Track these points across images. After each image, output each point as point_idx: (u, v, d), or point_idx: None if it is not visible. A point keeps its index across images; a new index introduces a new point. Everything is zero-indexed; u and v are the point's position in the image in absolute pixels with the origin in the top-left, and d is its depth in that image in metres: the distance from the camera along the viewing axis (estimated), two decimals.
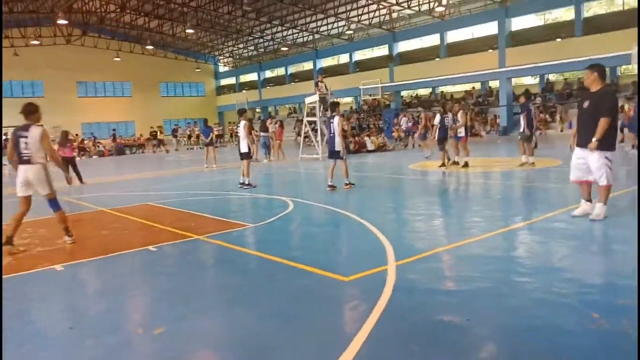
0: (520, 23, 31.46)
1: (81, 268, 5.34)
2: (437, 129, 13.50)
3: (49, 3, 33.79)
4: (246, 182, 11.05)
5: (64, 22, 32.25)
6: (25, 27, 38.04)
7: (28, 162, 6.05)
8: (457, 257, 5.00)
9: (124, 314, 4.05)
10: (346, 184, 10.08)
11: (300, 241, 6.33)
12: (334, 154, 10.10)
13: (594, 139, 5.67)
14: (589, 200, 6.11)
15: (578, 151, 6.04)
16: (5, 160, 27.04)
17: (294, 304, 3.90)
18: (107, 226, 7.57)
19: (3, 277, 5.03)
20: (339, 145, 9.88)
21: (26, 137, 6.07)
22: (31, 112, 6.30)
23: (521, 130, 12.31)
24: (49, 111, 40.43)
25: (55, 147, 22.28)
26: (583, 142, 5.91)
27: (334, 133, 9.95)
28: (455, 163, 13.20)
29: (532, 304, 3.65)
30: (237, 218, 7.51)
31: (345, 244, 6.07)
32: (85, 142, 32.86)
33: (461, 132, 13.01)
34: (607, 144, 5.73)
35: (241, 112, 11.70)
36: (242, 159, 11.34)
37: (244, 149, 11.25)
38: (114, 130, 36.16)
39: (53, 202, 6.35)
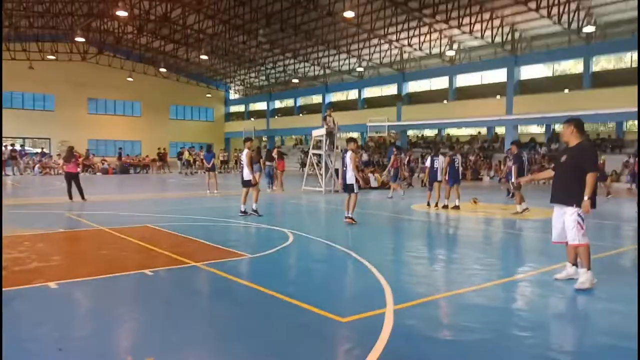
0: (529, 72, 31.96)
1: (76, 287, 5.27)
2: (428, 171, 13.87)
3: (69, 20, 34.57)
4: (250, 210, 11.09)
5: (82, 39, 32.93)
6: (43, 42, 38.81)
7: None
8: (457, 305, 4.92)
9: (115, 339, 3.97)
10: (347, 217, 10.13)
11: (297, 276, 6.26)
12: (347, 187, 10.32)
13: (585, 198, 5.23)
14: (575, 264, 5.60)
15: (555, 209, 5.71)
16: (9, 171, 27.18)
17: (288, 342, 3.82)
18: (106, 246, 7.51)
19: None
20: (350, 178, 10.13)
21: None
22: None
23: (512, 179, 12.41)
24: (57, 125, 41.07)
25: (60, 162, 22.45)
26: (559, 199, 5.55)
27: (347, 167, 10.24)
28: (445, 207, 13.19)
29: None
30: (235, 247, 7.45)
31: (343, 282, 5.99)
32: (91, 157, 32.98)
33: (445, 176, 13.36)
34: (579, 200, 5.28)
35: (246, 140, 11.85)
36: (243, 186, 11.40)
37: (246, 176, 11.32)
38: (120, 148, 36.37)
39: None
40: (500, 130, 34.39)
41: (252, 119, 52.23)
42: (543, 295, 5.30)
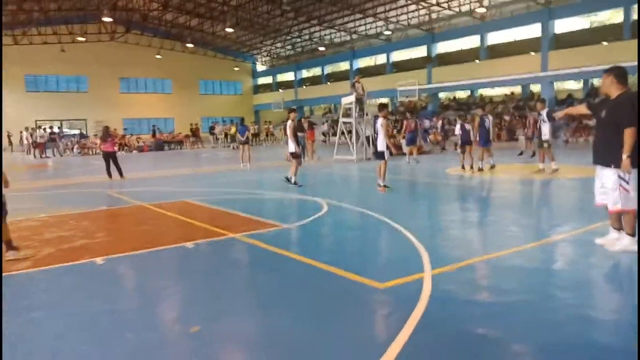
0: (564, 25, 30.51)
1: (121, 262, 5.48)
2: (459, 134, 13.83)
3: (95, 0, 34.87)
4: (292, 180, 11.22)
5: (109, 19, 33.23)
6: (72, 24, 39.41)
7: None
8: (495, 267, 4.90)
9: (162, 310, 4.14)
10: (380, 186, 10.07)
11: (334, 244, 6.33)
12: (378, 155, 10.31)
13: (623, 156, 4.77)
14: (619, 228, 5.15)
15: (597, 169, 5.28)
16: (49, 153, 28.07)
17: (329, 308, 3.90)
18: (147, 221, 7.76)
19: (46, 267, 5.24)
20: (382, 145, 10.02)
21: None
22: None
23: (546, 137, 12.17)
24: (92, 106, 41.95)
25: (98, 141, 23.05)
26: (598, 158, 5.17)
27: (377, 134, 10.18)
28: (480, 169, 13.17)
29: (572, 320, 3.54)
30: (271, 218, 7.57)
31: (379, 249, 6.03)
32: (127, 137, 33.73)
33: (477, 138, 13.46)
34: (619, 159, 4.81)
35: (290, 111, 11.87)
36: (292, 157, 11.58)
37: (290, 148, 11.43)
38: (153, 126, 37.04)
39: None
40: (535, 88, 33.24)
41: (280, 90, 52.10)
42: (584, 255, 5.21)
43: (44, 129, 29.83)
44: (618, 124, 4.86)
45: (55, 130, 32.95)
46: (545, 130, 12.21)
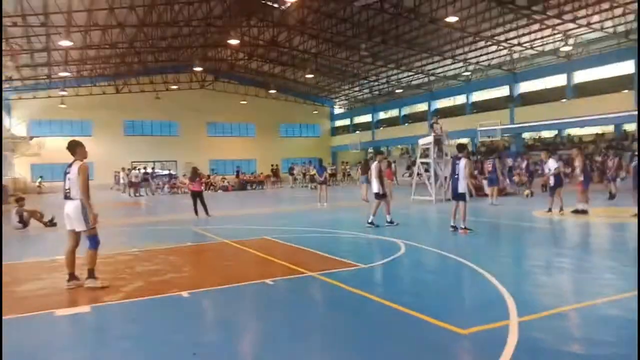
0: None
1: (205, 296, 5.71)
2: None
3: (188, 52, 37.75)
4: (387, 220, 11.32)
5: (199, 69, 35.71)
6: (166, 74, 42.86)
7: (68, 197, 6.09)
8: (588, 317, 4.55)
9: (243, 346, 4.24)
10: (462, 228, 9.80)
11: (413, 286, 6.19)
12: (457, 196, 10.02)
13: None
14: None
15: None
16: (142, 192, 30.10)
17: (408, 354, 3.80)
18: (229, 257, 8.05)
19: (136, 299, 5.55)
20: (463, 187, 9.83)
21: (68, 173, 6.14)
22: (73, 148, 6.26)
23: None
24: (181, 148, 44.76)
25: (186, 181, 24.42)
26: None
27: (458, 175, 9.92)
28: (576, 211, 12.42)
29: None
30: (349, 257, 7.56)
31: (460, 293, 5.81)
32: (212, 177, 35.49)
33: (580, 177, 12.69)
34: None
35: (377, 153, 12.32)
36: (375, 198, 11.61)
37: (375, 189, 11.48)
38: (237, 167, 38.71)
39: (91, 239, 6.10)
40: (629, 127, 31.14)
41: (357, 132, 52.75)
42: None
43: (139, 170, 32.11)
44: None
45: (149, 170, 35.38)
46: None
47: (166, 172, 38.58)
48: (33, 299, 5.65)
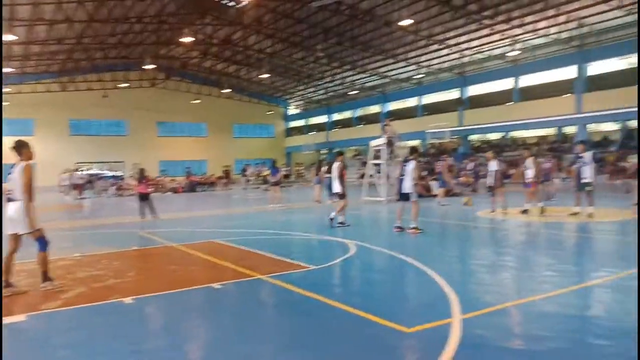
0: (599, 67, 30.21)
1: (150, 301, 5.52)
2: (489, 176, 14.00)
3: (139, 49, 36.70)
4: (338, 220, 11.33)
5: (151, 66, 34.80)
6: (116, 72, 41.49)
7: (10, 199, 5.85)
8: (528, 313, 4.70)
9: (188, 351, 4.10)
10: (412, 228, 9.93)
11: (361, 287, 6.23)
12: (403, 196, 10.20)
13: None
14: None
15: None
16: (86, 194, 29.02)
17: (354, 353, 3.81)
18: (176, 261, 7.84)
19: (77, 306, 5.30)
20: (409, 187, 10.01)
21: (11, 173, 5.91)
22: (19, 148, 5.99)
23: (587, 180, 11.82)
24: (130, 149, 43.50)
25: (134, 183, 23.73)
26: None
27: (404, 176, 10.11)
28: (525, 211, 12.93)
29: None
30: (299, 259, 7.53)
31: (407, 292, 5.89)
32: (159, 178, 34.65)
33: (529, 178, 13.10)
34: None
35: (338, 154, 12.22)
36: (338, 198, 11.67)
37: (335, 189, 11.59)
38: (188, 168, 37.99)
39: (40, 241, 5.88)
40: (570, 130, 32.69)
41: (312, 133, 52.89)
42: (622, 301, 4.95)
43: (82, 171, 30.93)
44: None
45: (94, 172, 34.15)
46: (587, 173, 11.91)
47: (112, 173, 37.39)
48: None
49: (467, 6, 25.64)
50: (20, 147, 5.98)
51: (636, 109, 25.91)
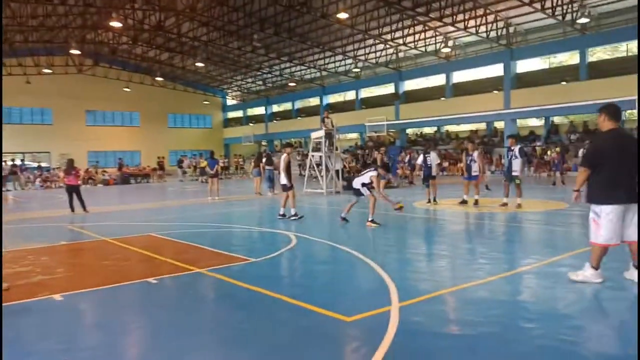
0: (525, 66, 31.94)
1: (81, 298, 5.27)
2: (422, 168, 14.35)
3: (63, 33, 34.64)
4: (291, 213, 11.10)
5: (77, 52, 32.99)
6: (38, 56, 38.92)
7: None
8: (462, 300, 4.91)
9: (122, 348, 3.97)
10: (368, 221, 9.96)
11: (301, 278, 6.26)
12: (355, 192, 10.28)
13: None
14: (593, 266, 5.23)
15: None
16: (10, 186, 27.20)
17: (294, 344, 3.82)
18: (109, 256, 7.52)
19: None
20: (356, 183, 10.19)
21: None
22: None
23: (516, 173, 12.24)
24: (56, 138, 41.22)
25: (61, 174, 22.48)
26: None
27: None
28: (464, 202, 13.29)
29: (539, 351, 3.57)
30: (238, 252, 7.45)
31: (347, 282, 5.97)
32: (90, 170, 33.08)
33: (476, 171, 13.17)
34: (590, 195, 5.15)
35: (286, 146, 12.03)
36: (283, 190, 11.49)
37: (282, 181, 11.33)
38: (120, 159, 36.45)
39: None
40: (499, 124, 34.40)
41: (251, 124, 52.32)
42: (548, 287, 5.29)
43: (5, 162, 28.91)
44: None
45: (17, 162, 32.02)
46: (517, 166, 12.26)
47: (37, 164, 35.25)
48: None
49: (401, 2, 26.20)
50: None
51: (557, 105, 27.77)
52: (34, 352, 3.79)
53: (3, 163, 28.16)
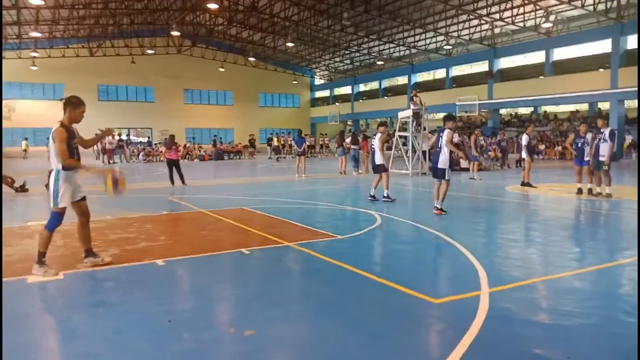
0: (637, 41, 28.98)
1: (181, 264, 5.68)
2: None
3: (165, 15, 36.66)
4: (385, 195, 10.59)
5: (177, 33, 34.83)
6: (142, 38, 41.61)
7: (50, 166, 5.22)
8: (557, 289, 4.69)
9: (217, 312, 4.25)
10: (437, 209, 9.00)
11: (387, 257, 6.28)
12: (437, 172, 9.03)
13: None
14: None
15: None
16: (117, 159, 29.56)
17: (381, 321, 3.87)
18: (206, 227, 8.00)
19: (110, 266, 5.47)
20: (444, 162, 8.86)
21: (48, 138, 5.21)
22: (64, 106, 5.25)
23: (604, 158, 10.97)
24: (157, 115, 43.97)
25: (163, 149, 24.00)
26: None
27: (440, 148, 8.91)
28: (580, 192, 11.85)
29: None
30: (325, 228, 7.61)
31: (434, 264, 5.92)
32: (188, 145, 35.06)
33: (588, 156, 11.69)
34: None
35: (380, 125, 11.17)
36: (374, 172, 11.01)
37: (377, 161, 10.71)
38: (214, 136, 38.27)
39: (52, 216, 5.13)
40: (604, 105, 31.71)
41: (337, 104, 52.50)
42: None
43: (113, 136, 31.44)
44: None
45: (124, 137, 34.68)
46: (604, 150, 11.02)
47: (143, 139, 37.85)
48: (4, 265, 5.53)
49: None
50: (65, 105, 5.23)
51: None
52: (139, 311, 4.14)
53: (110, 137, 30.61)
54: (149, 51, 42.18)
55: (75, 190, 5.31)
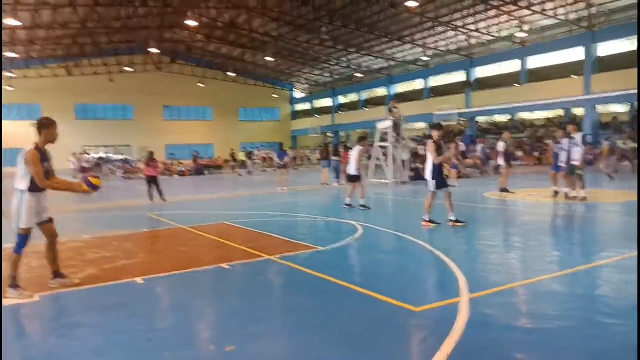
0: (608, 48, 29.79)
1: (160, 282, 5.59)
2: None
3: (143, 33, 36.54)
4: (360, 203, 11.13)
5: (156, 50, 34.72)
6: (121, 56, 41.37)
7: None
8: (536, 293, 4.73)
9: (199, 330, 4.19)
10: (425, 220, 8.70)
11: (369, 267, 6.27)
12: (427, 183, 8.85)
13: None
14: None
15: None
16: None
17: (363, 332, 3.85)
18: (186, 243, 7.91)
19: (88, 286, 5.36)
20: (428, 173, 8.75)
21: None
22: (39, 127, 5.14)
23: (576, 163, 11.24)
24: (136, 133, 43.65)
25: (142, 166, 23.76)
26: None
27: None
28: (556, 194, 12.23)
29: (622, 349, 3.37)
30: (306, 240, 7.58)
31: (415, 272, 5.92)
32: (168, 162, 34.83)
33: (562, 162, 11.92)
34: None
35: (361, 139, 12.09)
36: (349, 180, 11.74)
37: (353, 172, 11.51)
38: (195, 152, 38.05)
39: (19, 238, 5.01)
40: (578, 111, 32.41)
41: (317, 116, 52.73)
42: (631, 281, 4.96)
43: (90, 154, 31.06)
44: None
45: (102, 155, 34.27)
46: (577, 155, 11.24)
47: (120, 156, 37.47)
48: None
49: None
50: (40, 127, 5.12)
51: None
52: (119, 331, 4.06)
53: (87, 155, 30.23)
54: (128, 69, 41.94)
55: (41, 211, 5.22)
